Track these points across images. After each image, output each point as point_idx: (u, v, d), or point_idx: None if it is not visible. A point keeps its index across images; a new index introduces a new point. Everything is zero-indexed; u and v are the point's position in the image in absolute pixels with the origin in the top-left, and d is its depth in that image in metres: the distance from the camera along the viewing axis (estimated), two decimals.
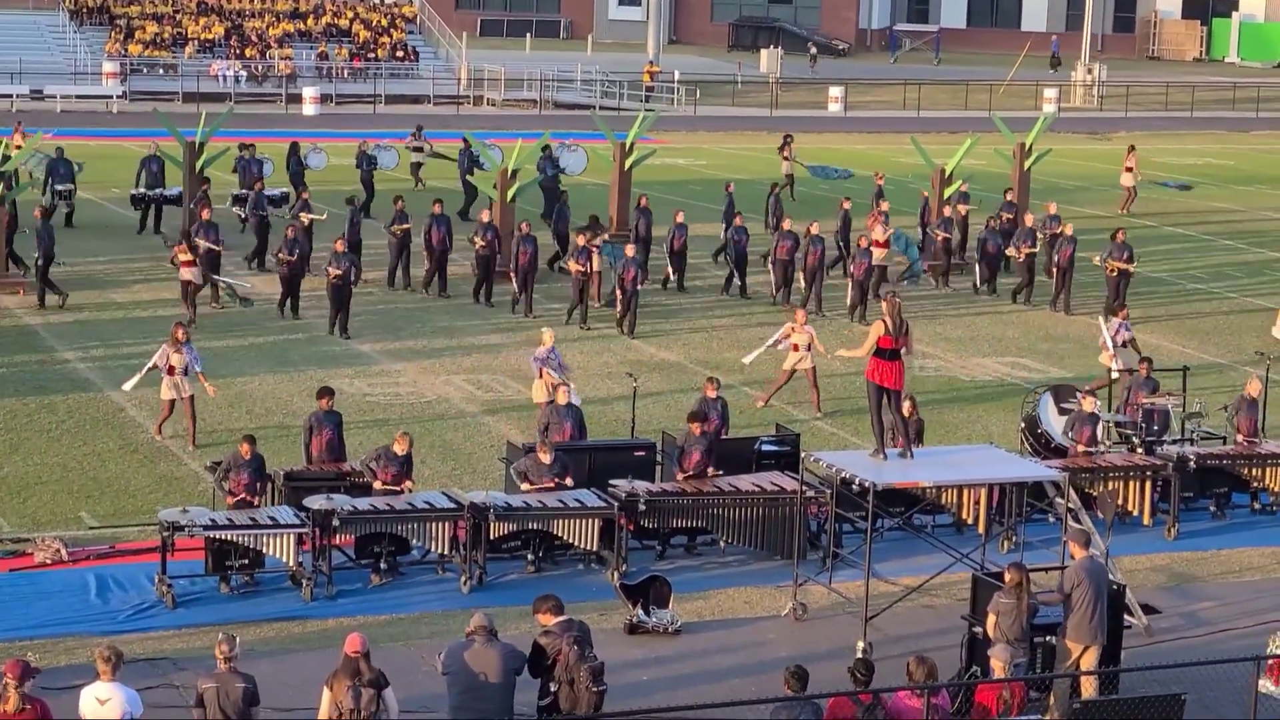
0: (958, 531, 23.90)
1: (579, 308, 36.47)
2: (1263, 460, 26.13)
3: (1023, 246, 39.90)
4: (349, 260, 34.92)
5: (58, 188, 44.82)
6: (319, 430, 24.37)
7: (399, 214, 38.71)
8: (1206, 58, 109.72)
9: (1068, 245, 39.00)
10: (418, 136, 53.10)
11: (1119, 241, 38.20)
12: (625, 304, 35.87)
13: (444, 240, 38.64)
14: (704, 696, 18.65)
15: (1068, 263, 38.92)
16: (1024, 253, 39.81)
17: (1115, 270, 37.97)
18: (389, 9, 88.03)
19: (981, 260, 40.87)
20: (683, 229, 39.69)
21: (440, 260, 38.83)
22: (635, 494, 23.06)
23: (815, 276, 37.90)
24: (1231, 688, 17.96)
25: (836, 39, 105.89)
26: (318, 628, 21.06)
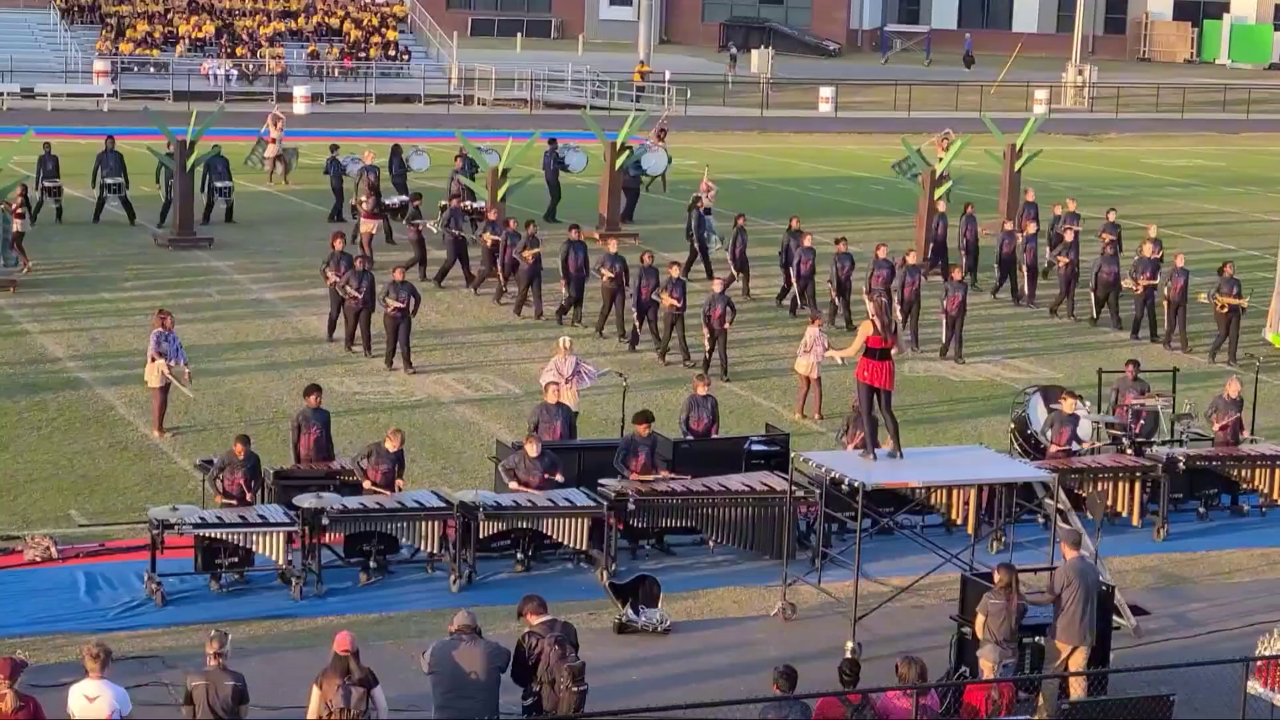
0: (947, 532, 23.91)
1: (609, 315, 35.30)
2: (1252, 461, 26.17)
3: (1141, 279, 37.15)
4: (408, 290, 32.66)
5: (46, 184, 44.84)
6: (307, 428, 24.35)
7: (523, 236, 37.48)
8: (1197, 59, 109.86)
9: (1179, 277, 36.47)
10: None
11: (1228, 275, 35.84)
12: (712, 343, 33.15)
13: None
14: (693, 696, 18.65)
15: (1179, 296, 36.52)
16: (1142, 285, 37.05)
17: (1225, 306, 35.60)
18: (380, 8, 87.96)
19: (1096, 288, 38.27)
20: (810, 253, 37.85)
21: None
22: (625, 493, 23.07)
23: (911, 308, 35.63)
24: (1220, 689, 17.99)
25: (827, 39, 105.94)
26: (307, 626, 21.05)
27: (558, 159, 49.01)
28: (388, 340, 32.78)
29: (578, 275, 36.34)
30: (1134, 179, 63.03)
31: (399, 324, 32.51)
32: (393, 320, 32.54)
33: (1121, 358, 30.80)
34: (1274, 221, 41.69)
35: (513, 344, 34.97)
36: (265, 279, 39.73)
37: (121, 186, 45.13)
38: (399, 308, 32.29)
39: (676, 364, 33.49)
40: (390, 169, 48.06)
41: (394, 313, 32.40)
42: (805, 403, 30.63)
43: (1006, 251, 40.14)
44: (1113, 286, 37.93)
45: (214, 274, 40.35)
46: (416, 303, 32.81)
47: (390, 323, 32.65)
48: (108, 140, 46.09)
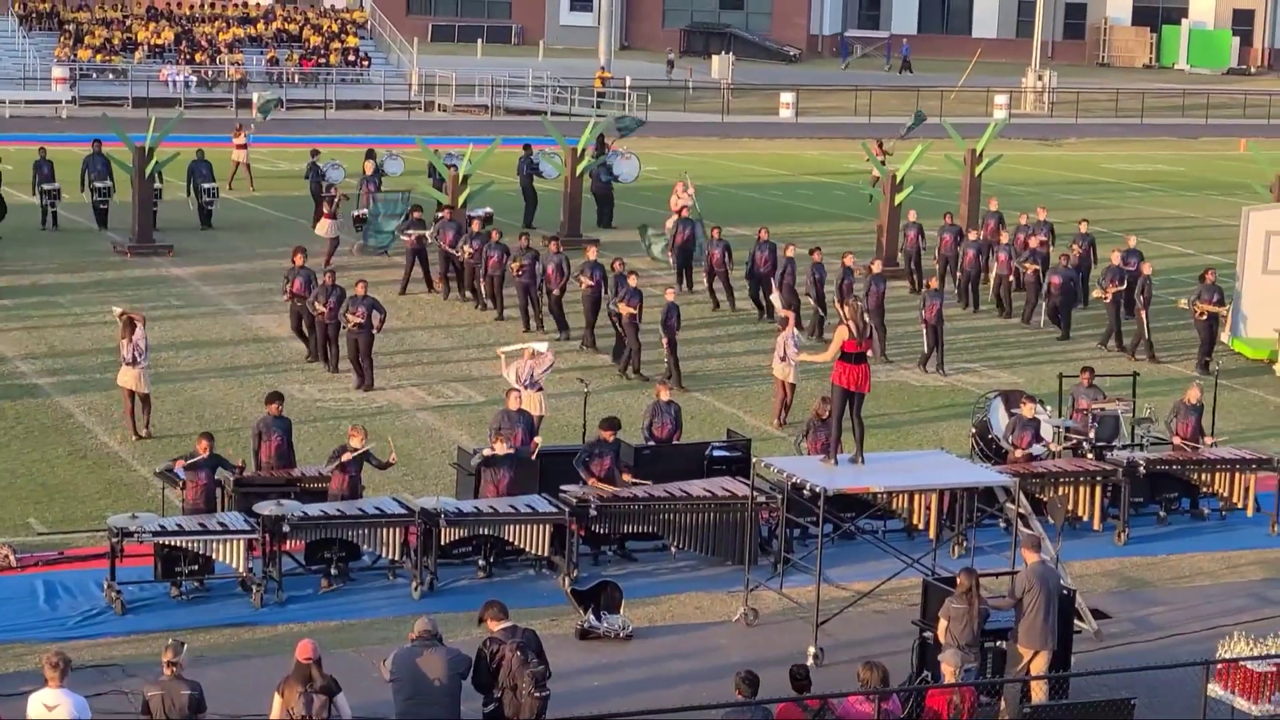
0: (908, 537, 23.92)
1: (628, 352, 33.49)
2: (1212, 465, 26.24)
3: (1110, 286, 36.89)
4: (369, 303, 31.77)
5: (44, 188, 45.42)
6: (268, 436, 24.28)
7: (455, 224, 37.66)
8: (1156, 64, 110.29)
9: (1146, 285, 36.28)
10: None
11: (1209, 282, 35.67)
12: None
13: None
14: (655, 702, 18.64)
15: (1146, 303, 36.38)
16: (1111, 293, 36.81)
17: (1204, 313, 35.39)
18: (340, 15, 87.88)
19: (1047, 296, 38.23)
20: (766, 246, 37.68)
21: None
22: (586, 500, 23.05)
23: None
24: (1181, 692, 18.03)
25: (788, 45, 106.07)
26: (268, 634, 20.98)
27: (532, 165, 48.97)
28: (349, 356, 32.12)
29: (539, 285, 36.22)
30: (1094, 183, 63.24)
31: (358, 339, 31.80)
32: (351, 335, 31.86)
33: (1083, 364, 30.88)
34: (1233, 226, 41.81)
35: (473, 349, 34.91)
36: (226, 286, 39.60)
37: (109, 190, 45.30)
38: (358, 323, 31.63)
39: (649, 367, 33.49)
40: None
41: (353, 327, 31.73)
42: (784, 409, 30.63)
43: (968, 260, 40.10)
44: (1063, 295, 37.79)
45: (174, 281, 40.22)
46: (381, 317, 32.08)
47: (349, 337, 32.01)
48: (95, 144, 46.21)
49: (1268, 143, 64.23)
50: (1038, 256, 39.37)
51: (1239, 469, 26.17)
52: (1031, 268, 39.04)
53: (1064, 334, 37.64)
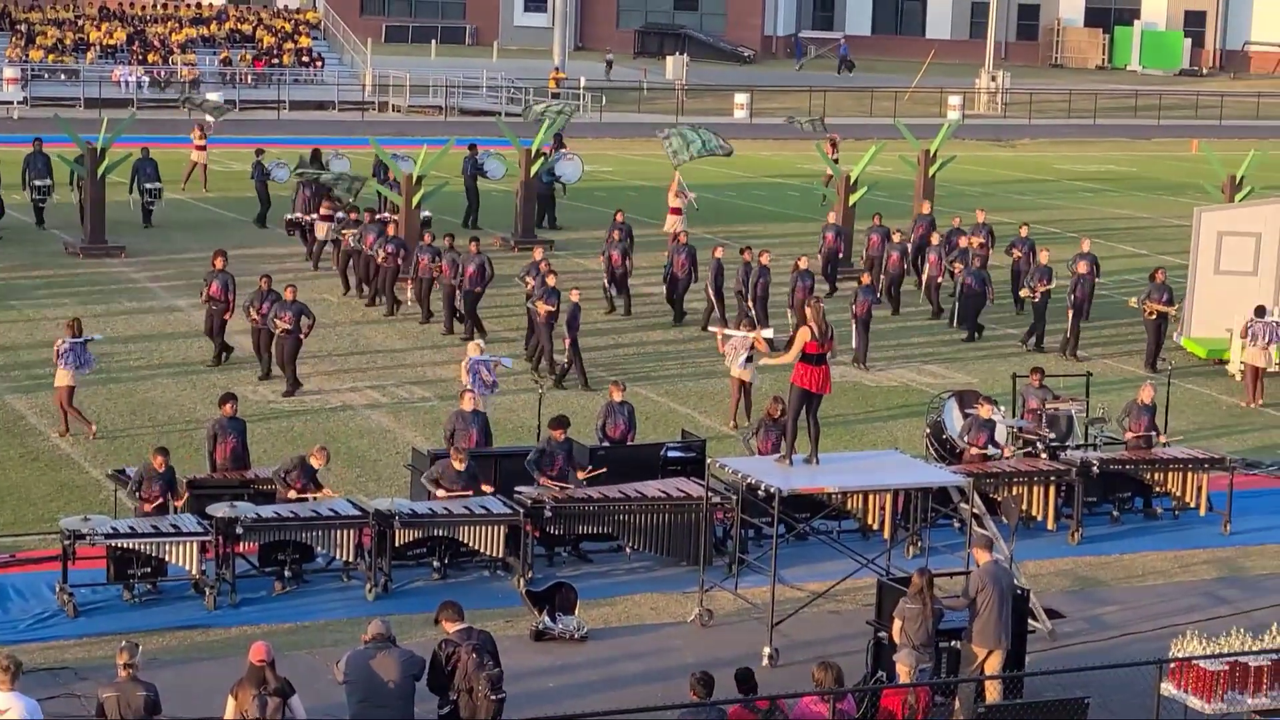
0: (863, 537, 23.94)
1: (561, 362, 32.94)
2: (1165, 465, 26.34)
3: (1038, 285, 36.83)
4: (298, 309, 31.30)
5: (36, 184, 45.29)
6: (223, 438, 24.20)
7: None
8: (1109, 65, 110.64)
9: (1083, 285, 36.77)
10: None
11: (1159, 282, 35.77)
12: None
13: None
14: (610, 703, 18.63)
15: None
16: (1039, 291, 36.77)
17: (1154, 312, 35.46)
18: (293, 15, 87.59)
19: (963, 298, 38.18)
20: (765, 272, 36.73)
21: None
22: (541, 501, 23.03)
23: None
24: (1134, 691, 18.09)
25: (742, 46, 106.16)
26: (221, 636, 20.91)
27: (476, 165, 48.93)
28: (277, 361, 31.68)
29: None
30: (1047, 184, 63.43)
31: (284, 344, 31.33)
32: (279, 340, 31.37)
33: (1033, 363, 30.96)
34: (1184, 226, 41.98)
35: (428, 350, 34.85)
36: (178, 287, 39.44)
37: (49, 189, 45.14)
38: (286, 329, 31.14)
39: (589, 369, 33.46)
40: None
41: (281, 333, 31.25)
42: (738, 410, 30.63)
43: (892, 262, 39.91)
44: (972, 297, 37.61)
45: (126, 282, 40.05)
46: (310, 323, 31.63)
47: (275, 341, 31.52)
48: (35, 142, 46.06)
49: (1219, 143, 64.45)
50: (976, 258, 39.12)
51: (1192, 469, 26.28)
52: (959, 267, 38.90)
53: (969, 335, 37.61)
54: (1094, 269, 38.56)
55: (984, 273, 37.93)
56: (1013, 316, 39.34)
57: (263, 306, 31.70)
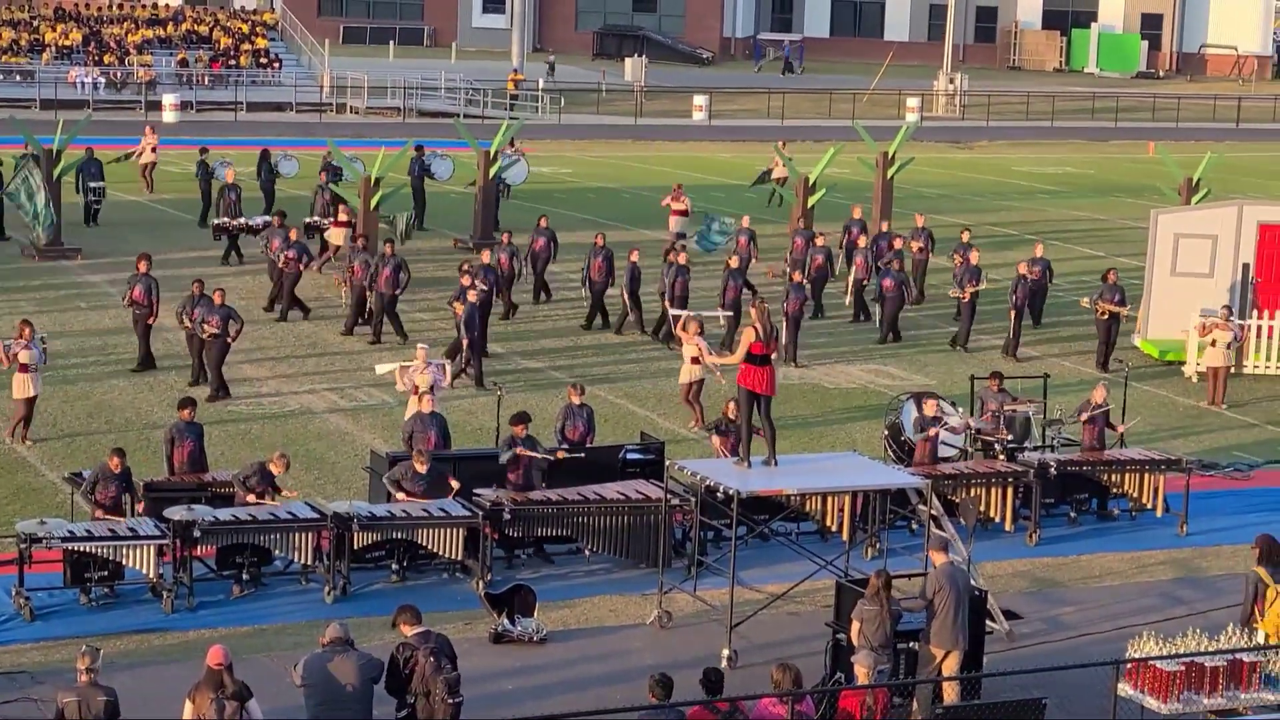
0: (822, 538, 24.00)
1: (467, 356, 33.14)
2: (1122, 466, 26.43)
3: (968, 286, 37.02)
4: (225, 313, 30.99)
5: (90, 185, 45.36)
6: (181, 441, 24.14)
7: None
8: (1066, 68, 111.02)
9: (1021, 285, 36.75)
10: None
11: (1111, 282, 36.02)
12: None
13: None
14: (569, 705, 18.62)
15: (1022, 302, 36.82)
16: (969, 291, 37.09)
17: (1105, 312, 35.68)
18: (250, 16, 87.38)
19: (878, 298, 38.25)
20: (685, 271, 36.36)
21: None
22: (500, 503, 23.02)
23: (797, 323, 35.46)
24: (1092, 692, 18.14)
25: (700, 47, 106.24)
26: (179, 640, 20.85)
27: (423, 166, 48.85)
28: (198, 364, 31.50)
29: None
30: (1004, 186, 63.59)
31: (213, 348, 30.98)
32: (210, 345, 31.04)
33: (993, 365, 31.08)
34: (1142, 228, 42.14)
35: (387, 352, 34.77)
36: None
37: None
38: (213, 333, 30.82)
39: (543, 370, 33.48)
40: (259, 175, 47.84)
41: (208, 337, 30.92)
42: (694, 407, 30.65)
43: (816, 265, 39.52)
44: (893, 298, 37.42)
45: (83, 285, 39.90)
46: (238, 327, 31.42)
47: (201, 346, 31.24)
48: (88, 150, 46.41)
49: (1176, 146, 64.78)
50: (896, 260, 38.90)
51: (1148, 470, 26.39)
52: (896, 266, 38.59)
53: (883, 336, 37.57)
54: (1046, 273, 38.65)
55: (903, 275, 37.89)
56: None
57: (194, 311, 31.28)
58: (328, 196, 43.37)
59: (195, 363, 31.87)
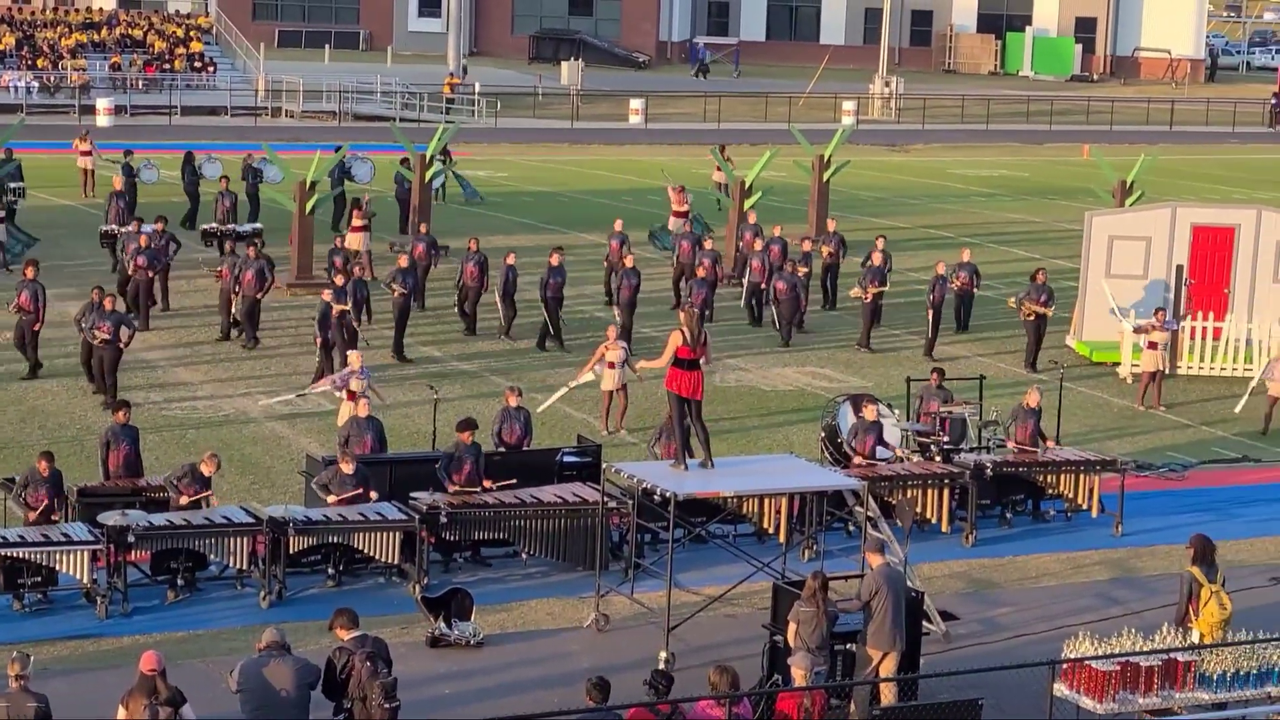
0: (759, 540, 24.02)
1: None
2: (1057, 467, 26.53)
3: (870, 286, 37.23)
4: (116, 318, 30.78)
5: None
6: (116, 445, 23.99)
7: None
8: (1001, 71, 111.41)
9: (939, 285, 37.02)
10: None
11: (1039, 283, 36.22)
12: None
13: None
14: (506, 709, 18.58)
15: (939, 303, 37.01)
16: (871, 293, 37.32)
17: (1032, 314, 35.99)
18: (184, 20, 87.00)
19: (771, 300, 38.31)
20: (633, 274, 36.45)
21: None
22: (436, 507, 22.95)
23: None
24: (1028, 692, 18.19)
25: (637, 51, 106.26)
26: (113, 645, 20.72)
27: (343, 168, 48.68)
28: (97, 370, 31.11)
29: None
30: (940, 189, 63.79)
31: (103, 355, 30.74)
32: (98, 351, 30.80)
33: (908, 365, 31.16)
34: (1076, 230, 42.31)
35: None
36: (68, 294, 39.00)
37: None
38: (105, 339, 30.60)
39: (483, 373, 33.43)
40: (183, 178, 47.57)
41: (100, 343, 30.68)
42: (609, 415, 30.61)
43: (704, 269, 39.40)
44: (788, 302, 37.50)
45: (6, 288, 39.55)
46: (130, 333, 31.16)
47: (94, 353, 30.94)
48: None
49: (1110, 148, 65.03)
50: (790, 263, 38.89)
51: (1084, 471, 26.51)
52: (803, 270, 38.48)
53: (784, 339, 37.59)
54: (973, 278, 38.73)
55: (796, 277, 37.87)
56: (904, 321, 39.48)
57: (100, 322, 30.87)
58: (228, 204, 43.05)
59: (87, 371, 31.52)
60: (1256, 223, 36.89)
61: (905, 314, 39.89)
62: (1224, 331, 36.07)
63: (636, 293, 36.25)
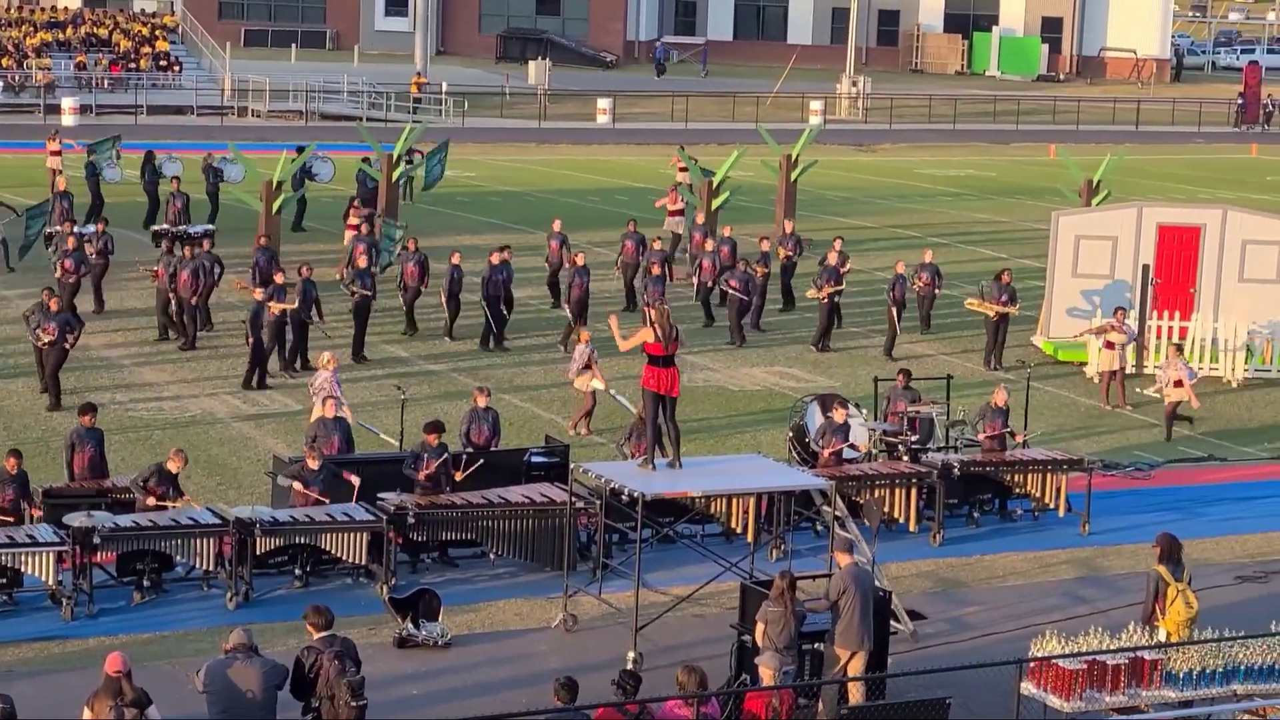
0: (727, 540, 24.02)
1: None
2: (1024, 466, 26.57)
3: (825, 286, 37.13)
4: (62, 320, 30.72)
5: None
6: (81, 447, 23.91)
7: None
8: (968, 71, 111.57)
9: (900, 284, 37.02)
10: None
11: (1003, 283, 36.22)
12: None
13: None
14: (474, 709, 18.55)
15: (900, 303, 37.06)
16: (826, 292, 37.13)
17: (997, 314, 36.05)
18: (150, 19, 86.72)
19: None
20: (585, 273, 36.74)
21: None
22: (404, 507, 22.90)
23: None
24: (995, 691, 18.21)
25: (604, 51, 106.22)
26: (79, 647, 20.64)
27: (304, 168, 48.54)
28: (44, 371, 30.97)
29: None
30: (907, 189, 63.85)
31: (50, 355, 30.58)
32: (44, 352, 30.68)
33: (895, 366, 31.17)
34: (1043, 229, 42.39)
35: None
36: (33, 294, 38.87)
37: None
38: (49, 341, 30.41)
39: (450, 374, 33.38)
40: (143, 177, 47.45)
41: (44, 345, 30.55)
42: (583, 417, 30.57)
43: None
44: (739, 303, 37.45)
45: None
46: (74, 335, 30.96)
47: (43, 355, 30.82)
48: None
49: (1076, 148, 65.15)
50: (742, 262, 38.82)
51: (1051, 470, 26.55)
52: (732, 283, 38.04)
53: (736, 340, 37.46)
54: (935, 279, 38.76)
55: (749, 274, 37.86)
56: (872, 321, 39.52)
57: (49, 326, 30.67)
58: (179, 205, 42.81)
59: (39, 370, 31.34)
60: (1222, 222, 37.01)
61: (871, 313, 39.91)
62: (1190, 331, 36.16)
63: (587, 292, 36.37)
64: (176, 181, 44.52)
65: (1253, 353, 36.37)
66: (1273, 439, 32.33)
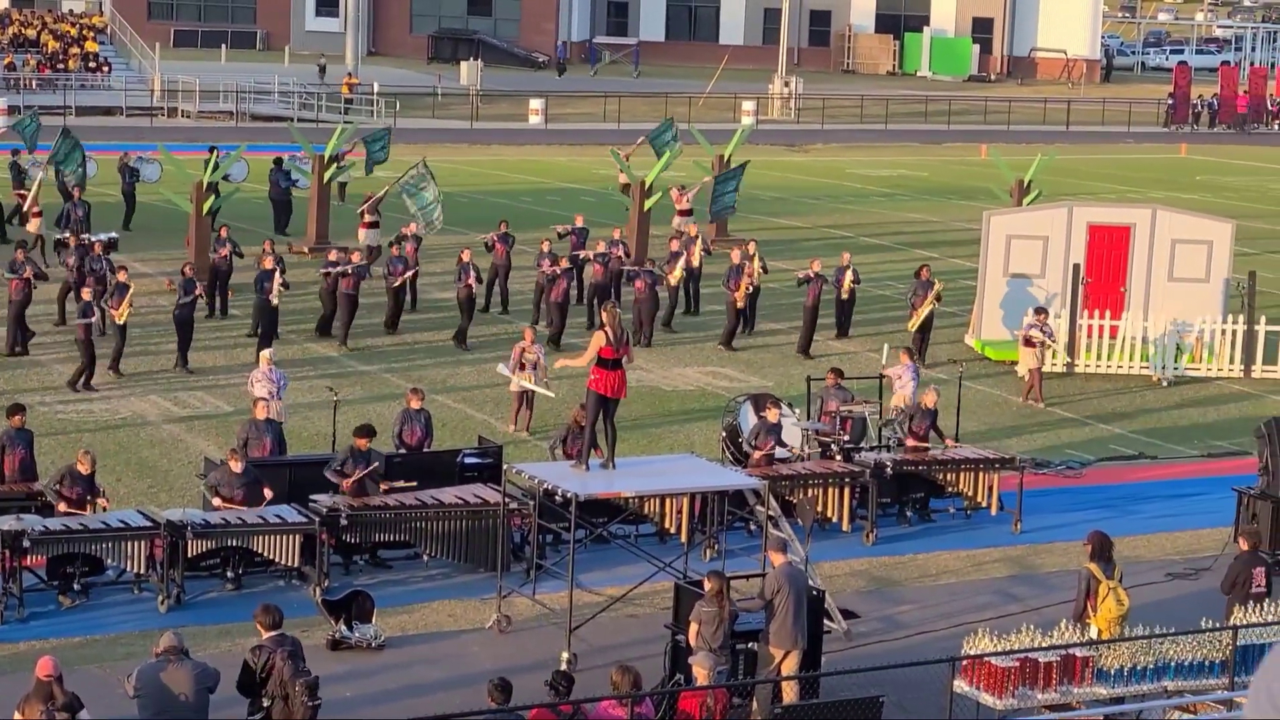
0: (661, 541, 24.02)
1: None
2: (957, 465, 26.67)
3: (732, 285, 37.45)
4: None
5: None
6: (11, 449, 23.73)
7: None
8: (899, 71, 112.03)
9: (816, 283, 37.19)
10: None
11: (923, 279, 36.55)
12: None
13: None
14: (408, 711, 18.48)
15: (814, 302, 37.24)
16: (744, 289, 37.45)
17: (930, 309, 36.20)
18: (79, 19, 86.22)
19: None
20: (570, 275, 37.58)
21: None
22: (336, 509, 22.82)
23: None
24: (928, 689, 18.27)
25: (536, 51, 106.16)
26: (8, 651, 20.48)
27: (285, 176, 48.30)
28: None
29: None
30: (839, 189, 64.03)
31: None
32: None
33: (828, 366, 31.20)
34: (975, 229, 42.57)
35: (218, 351, 34.43)
36: None
37: None
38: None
39: (385, 376, 33.29)
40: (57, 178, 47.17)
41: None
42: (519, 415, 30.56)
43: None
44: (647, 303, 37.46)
45: None
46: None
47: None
48: None
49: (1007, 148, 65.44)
50: (651, 260, 38.85)
51: (983, 469, 26.65)
52: (640, 284, 38.24)
53: (643, 339, 37.24)
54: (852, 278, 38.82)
55: (656, 272, 37.92)
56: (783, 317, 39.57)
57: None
58: (81, 213, 42.16)
59: None
60: (1151, 221, 37.24)
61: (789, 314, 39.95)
62: (1120, 330, 36.36)
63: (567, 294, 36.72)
64: (78, 190, 43.55)
65: (1182, 351, 36.60)
66: (1203, 437, 32.55)
